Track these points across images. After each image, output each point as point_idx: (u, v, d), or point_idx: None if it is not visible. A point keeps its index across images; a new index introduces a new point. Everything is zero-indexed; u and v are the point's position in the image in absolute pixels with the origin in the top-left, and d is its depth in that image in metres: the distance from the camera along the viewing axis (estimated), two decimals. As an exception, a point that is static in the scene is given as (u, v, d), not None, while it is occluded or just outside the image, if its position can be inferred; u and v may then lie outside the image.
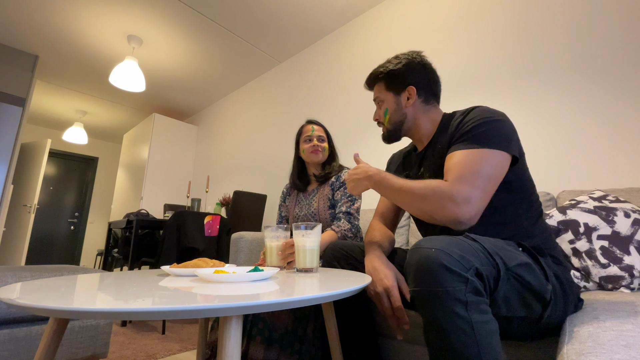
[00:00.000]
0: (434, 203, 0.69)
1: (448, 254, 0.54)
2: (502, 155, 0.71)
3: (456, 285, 0.53)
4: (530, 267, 0.62)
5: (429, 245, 0.57)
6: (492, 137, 0.72)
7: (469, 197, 0.67)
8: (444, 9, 1.98)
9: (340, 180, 1.37)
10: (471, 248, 0.58)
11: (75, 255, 5.33)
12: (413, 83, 0.90)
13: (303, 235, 0.87)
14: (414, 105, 0.91)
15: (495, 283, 0.57)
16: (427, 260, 0.55)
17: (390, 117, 0.94)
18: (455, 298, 0.52)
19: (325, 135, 1.45)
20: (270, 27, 2.69)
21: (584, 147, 1.36)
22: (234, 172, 3.51)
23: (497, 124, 0.74)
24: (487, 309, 0.55)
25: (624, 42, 1.32)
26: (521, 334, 0.70)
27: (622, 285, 0.88)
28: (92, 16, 2.61)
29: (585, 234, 0.96)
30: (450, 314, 0.52)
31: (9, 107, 2.88)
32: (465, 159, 0.71)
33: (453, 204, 0.67)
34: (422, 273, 0.56)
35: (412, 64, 0.91)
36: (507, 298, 0.59)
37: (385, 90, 0.94)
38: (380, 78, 0.95)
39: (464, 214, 0.66)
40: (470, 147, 0.73)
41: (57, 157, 5.34)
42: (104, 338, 1.22)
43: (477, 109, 0.81)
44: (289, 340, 0.96)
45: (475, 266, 0.55)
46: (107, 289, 0.59)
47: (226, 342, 0.47)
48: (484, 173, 0.69)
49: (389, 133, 0.96)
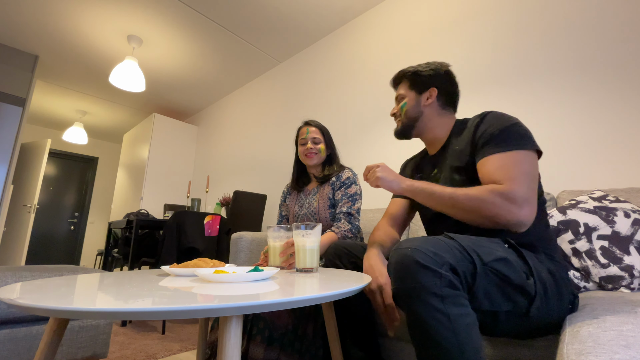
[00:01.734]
0: (498, 207, 0.69)
1: (422, 252, 0.58)
2: (534, 155, 0.76)
3: (431, 280, 0.56)
4: (508, 261, 0.64)
5: (406, 245, 0.61)
6: (520, 139, 0.76)
7: (528, 198, 0.69)
8: (444, 9, 1.98)
9: (341, 180, 1.37)
10: (446, 246, 0.61)
11: (75, 255, 5.33)
12: (436, 86, 0.95)
13: (303, 236, 0.87)
14: (431, 106, 0.95)
15: (473, 278, 0.60)
16: (403, 259, 0.60)
17: (407, 110, 0.97)
18: (432, 292, 0.56)
19: (322, 135, 1.42)
20: (270, 27, 2.69)
21: (584, 147, 1.36)
22: (234, 172, 3.51)
23: (519, 126, 0.78)
24: (465, 303, 0.58)
25: (625, 42, 1.32)
26: (513, 329, 0.70)
27: (622, 285, 0.88)
28: (92, 16, 2.61)
29: (585, 234, 0.96)
30: (428, 308, 0.56)
31: (9, 107, 2.88)
32: (507, 162, 0.74)
33: (516, 206, 0.68)
34: (400, 271, 0.60)
35: (439, 70, 0.96)
36: (488, 292, 0.62)
37: (408, 89, 0.98)
38: (406, 76, 0.99)
39: (527, 215, 0.69)
40: (504, 150, 0.75)
41: (57, 157, 5.34)
42: (104, 338, 1.22)
43: (492, 114, 0.84)
44: (289, 339, 0.96)
45: (449, 262, 0.58)
46: (107, 289, 0.59)
47: (226, 342, 0.47)
48: (530, 173, 0.73)
49: (402, 126, 0.99)
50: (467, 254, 0.61)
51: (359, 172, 2.12)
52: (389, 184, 0.84)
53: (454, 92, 0.97)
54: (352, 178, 1.37)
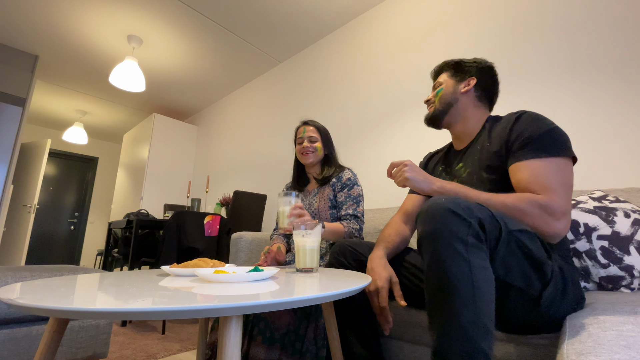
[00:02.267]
0: (536, 218, 0.68)
1: (456, 202, 0.60)
2: (570, 163, 0.74)
3: (460, 226, 0.57)
4: (532, 235, 0.64)
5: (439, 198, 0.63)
6: (558, 145, 0.74)
7: (566, 210, 0.69)
8: (444, 9, 1.98)
9: (342, 181, 1.36)
10: (478, 206, 0.62)
11: (75, 255, 5.33)
12: (476, 76, 0.94)
13: (303, 236, 0.87)
14: (467, 95, 0.94)
15: (497, 241, 0.60)
16: (436, 205, 0.61)
17: (442, 95, 0.96)
18: (458, 237, 0.57)
19: (319, 135, 1.42)
20: (271, 27, 2.69)
21: (584, 147, 1.36)
22: (234, 172, 3.51)
23: (557, 131, 0.76)
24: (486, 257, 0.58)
25: (625, 41, 1.32)
26: (518, 310, 0.69)
27: (622, 285, 0.88)
28: (92, 16, 2.61)
29: (585, 234, 0.96)
30: (452, 251, 0.56)
31: (9, 107, 2.88)
32: (545, 170, 0.72)
33: (554, 218, 0.68)
34: (430, 215, 0.61)
35: (482, 65, 0.95)
36: (506, 262, 0.62)
37: (448, 78, 0.97)
38: (449, 66, 0.99)
39: (564, 227, 0.69)
40: (541, 157, 0.74)
41: (57, 157, 5.34)
42: (104, 338, 1.22)
43: (529, 115, 0.82)
44: (290, 340, 0.96)
45: (479, 216, 0.59)
46: (107, 289, 0.59)
47: (226, 342, 0.47)
48: (567, 183, 0.72)
49: (434, 112, 0.97)
50: (496, 219, 0.61)
51: (358, 173, 2.12)
52: (419, 185, 0.80)
53: (492, 88, 0.96)
54: (353, 179, 1.37)
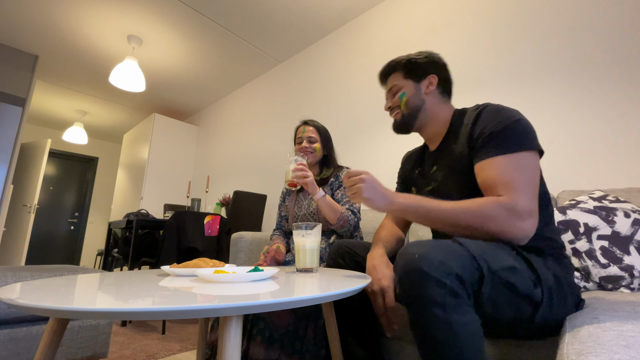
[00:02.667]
0: (502, 222, 0.66)
1: (429, 259, 0.57)
2: (536, 156, 0.71)
3: (435, 290, 0.55)
4: (516, 270, 0.62)
5: (413, 251, 0.59)
6: (520, 139, 0.71)
7: (531, 210, 0.66)
8: (444, 9, 1.98)
9: (339, 180, 1.37)
10: (455, 253, 0.59)
11: (75, 255, 5.33)
12: (434, 73, 0.90)
13: (303, 236, 0.87)
14: (432, 94, 0.90)
15: (480, 284, 0.59)
16: (409, 266, 0.58)
17: (407, 100, 0.90)
18: (434, 301, 0.55)
19: (318, 135, 1.42)
20: (270, 27, 2.69)
21: (584, 147, 1.36)
22: (234, 172, 3.51)
23: (519, 123, 0.73)
24: (468, 310, 0.57)
25: (625, 41, 1.32)
26: (516, 333, 0.69)
27: (622, 285, 0.88)
28: (92, 16, 2.61)
29: (585, 234, 0.96)
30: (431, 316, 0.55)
31: (9, 107, 2.88)
32: (509, 167, 0.69)
33: (520, 220, 0.66)
34: (405, 278, 0.59)
35: (433, 58, 0.92)
36: (494, 300, 0.60)
37: (403, 79, 0.92)
38: (400, 66, 0.93)
39: (531, 227, 0.66)
40: (504, 152, 0.71)
41: (57, 157, 5.34)
42: (104, 338, 1.22)
43: (490, 108, 0.79)
44: (289, 339, 0.96)
45: (455, 272, 0.56)
46: (107, 289, 0.59)
47: (226, 342, 0.47)
48: (533, 179, 0.69)
49: (403, 118, 0.91)
50: (476, 261, 0.59)
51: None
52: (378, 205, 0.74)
53: (450, 80, 0.93)
54: None
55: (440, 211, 0.71)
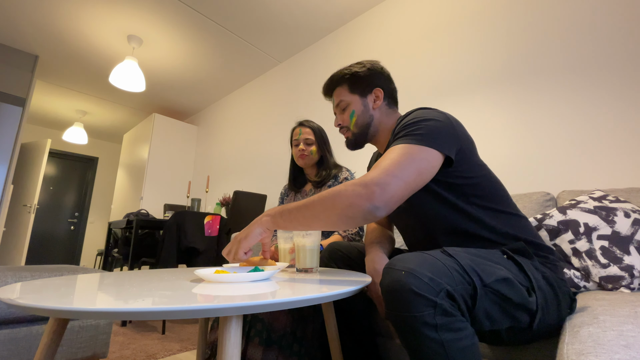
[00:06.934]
0: (349, 194, 0.64)
1: (417, 277, 0.53)
2: (431, 153, 0.69)
3: (425, 310, 0.52)
4: (510, 281, 0.59)
5: (400, 267, 0.56)
6: (424, 136, 0.70)
7: (379, 181, 0.64)
8: (444, 9, 1.98)
9: (339, 180, 1.37)
10: (444, 268, 0.56)
11: (75, 255, 5.33)
12: (379, 86, 0.90)
13: (303, 236, 0.87)
14: (380, 108, 0.90)
15: (473, 300, 0.56)
16: (397, 284, 0.54)
17: (357, 119, 0.89)
18: (425, 322, 0.52)
19: (314, 136, 1.41)
20: (270, 27, 2.69)
21: (584, 147, 1.36)
22: (234, 172, 3.51)
23: (431, 122, 0.73)
24: (462, 326, 0.54)
25: (624, 41, 1.32)
26: (515, 341, 0.69)
27: (622, 285, 0.88)
28: (92, 16, 2.61)
29: (585, 234, 0.96)
30: (421, 337, 0.52)
31: (9, 107, 2.88)
32: (393, 152, 0.69)
33: (364, 188, 0.64)
34: (392, 297, 0.55)
35: (375, 68, 0.91)
36: (489, 313, 0.58)
37: (349, 93, 0.91)
38: (344, 80, 0.91)
39: (377, 197, 0.63)
40: (401, 143, 0.71)
41: (57, 157, 5.34)
42: (104, 338, 1.22)
43: (418, 110, 0.79)
44: (287, 341, 0.96)
45: (446, 288, 0.54)
46: (107, 289, 0.59)
47: (226, 342, 0.47)
48: (408, 165, 0.67)
49: (355, 137, 0.91)
50: (467, 274, 0.56)
51: (356, 171, 2.12)
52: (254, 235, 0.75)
53: (394, 89, 0.92)
54: (350, 178, 1.37)
55: (298, 207, 0.71)
